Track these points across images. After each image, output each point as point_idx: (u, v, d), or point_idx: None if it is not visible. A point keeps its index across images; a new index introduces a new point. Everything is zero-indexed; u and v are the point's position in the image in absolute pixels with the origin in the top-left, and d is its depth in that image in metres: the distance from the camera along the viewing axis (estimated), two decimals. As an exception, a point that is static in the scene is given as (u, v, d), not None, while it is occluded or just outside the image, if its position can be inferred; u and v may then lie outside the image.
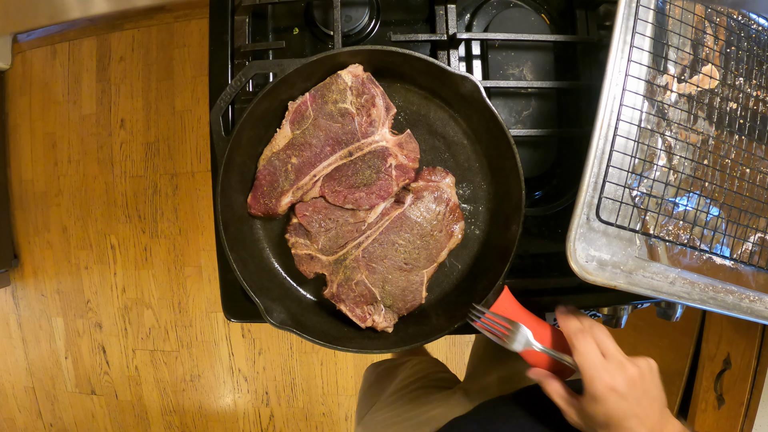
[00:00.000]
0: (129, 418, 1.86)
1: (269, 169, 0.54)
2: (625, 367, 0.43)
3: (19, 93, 1.84)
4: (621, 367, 0.43)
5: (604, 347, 0.44)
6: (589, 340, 0.44)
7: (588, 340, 0.44)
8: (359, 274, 0.53)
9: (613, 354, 0.44)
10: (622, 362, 0.43)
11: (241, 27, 0.60)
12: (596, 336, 0.45)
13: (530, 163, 0.59)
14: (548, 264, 0.61)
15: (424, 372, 0.82)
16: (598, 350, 0.44)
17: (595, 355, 0.43)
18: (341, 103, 0.53)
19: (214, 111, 0.52)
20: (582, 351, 0.44)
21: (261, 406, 1.82)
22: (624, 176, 0.48)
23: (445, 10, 0.59)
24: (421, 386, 0.77)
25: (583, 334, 0.44)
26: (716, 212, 0.51)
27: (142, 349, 1.81)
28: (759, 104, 0.53)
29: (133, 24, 1.73)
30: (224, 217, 0.51)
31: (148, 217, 1.77)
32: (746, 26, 0.53)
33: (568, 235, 0.46)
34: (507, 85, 0.58)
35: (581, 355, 0.43)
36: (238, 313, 0.59)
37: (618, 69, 0.47)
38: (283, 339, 1.77)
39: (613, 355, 0.44)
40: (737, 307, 0.49)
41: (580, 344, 0.44)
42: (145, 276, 1.78)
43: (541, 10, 0.62)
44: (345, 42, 0.60)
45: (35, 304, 1.86)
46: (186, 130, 1.73)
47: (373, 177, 0.54)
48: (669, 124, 0.51)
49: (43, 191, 1.83)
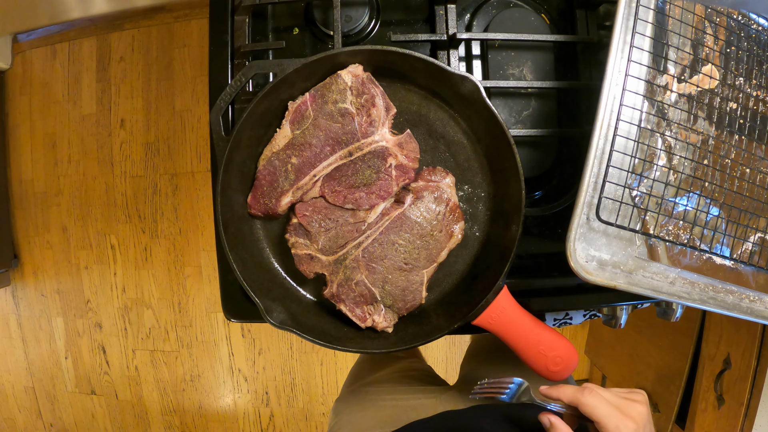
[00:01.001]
0: (129, 418, 1.86)
1: (269, 169, 0.54)
2: (634, 406, 0.44)
3: (19, 93, 1.84)
4: (631, 407, 0.44)
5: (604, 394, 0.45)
6: (594, 393, 0.44)
7: (593, 392, 0.44)
8: (359, 274, 0.53)
9: (615, 397, 0.45)
10: (628, 402, 0.44)
11: (241, 27, 0.60)
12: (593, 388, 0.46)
13: (530, 163, 0.59)
14: (548, 264, 0.61)
15: (420, 367, 0.83)
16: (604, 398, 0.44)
17: (607, 404, 0.44)
18: (341, 103, 0.53)
19: (214, 111, 0.52)
20: (594, 403, 0.44)
21: (261, 406, 1.82)
22: (624, 176, 0.48)
23: (445, 10, 0.59)
24: (417, 377, 0.78)
25: (583, 390, 0.45)
26: (716, 212, 0.51)
27: (142, 349, 1.81)
28: (759, 104, 0.53)
29: (133, 24, 1.73)
30: (224, 217, 0.51)
31: (148, 217, 1.77)
32: (746, 26, 0.53)
33: (568, 235, 0.46)
34: (507, 85, 0.58)
35: (596, 408, 0.43)
36: (238, 313, 0.59)
37: (618, 69, 0.47)
38: (283, 339, 1.77)
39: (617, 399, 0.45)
40: (737, 307, 0.49)
41: (588, 399, 0.44)
42: (145, 276, 1.78)
43: (541, 10, 0.62)
44: (345, 42, 0.60)
45: (35, 304, 1.86)
46: (186, 130, 1.73)
47: (373, 177, 0.54)
48: (669, 124, 0.51)
49: (43, 191, 1.83)
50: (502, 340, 0.52)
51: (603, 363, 1.51)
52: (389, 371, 0.79)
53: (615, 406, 0.43)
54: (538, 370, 0.52)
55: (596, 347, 1.58)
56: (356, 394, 0.74)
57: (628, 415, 0.43)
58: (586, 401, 0.43)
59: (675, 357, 1.10)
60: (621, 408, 0.43)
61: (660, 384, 1.16)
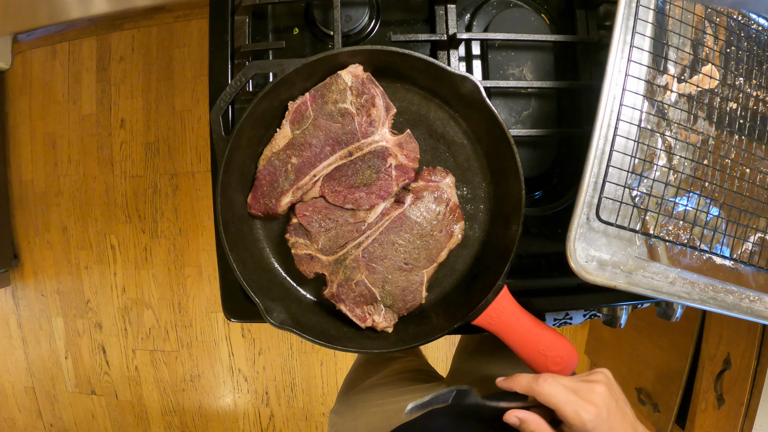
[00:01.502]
0: (129, 418, 1.86)
1: (269, 169, 0.54)
2: (592, 388, 0.43)
3: (19, 93, 1.84)
4: (590, 390, 0.42)
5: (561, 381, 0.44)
6: (550, 380, 0.43)
7: (548, 380, 0.43)
8: (359, 274, 0.53)
9: (573, 382, 0.43)
10: (587, 385, 0.43)
11: (241, 27, 0.60)
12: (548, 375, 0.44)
13: (530, 163, 0.59)
14: (548, 264, 0.61)
15: (415, 366, 0.83)
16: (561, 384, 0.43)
17: (564, 390, 0.42)
18: (341, 103, 0.53)
19: (214, 111, 0.52)
20: (550, 391, 0.42)
21: (261, 406, 1.82)
22: (624, 176, 0.48)
23: (445, 10, 0.59)
24: (408, 378, 0.77)
25: (538, 378, 0.43)
26: (716, 212, 0.51)
27: (142, 349, 1.81)
28: (759, 104, 0.53)
29: (133, 24, 1.73)
30: (224, 217, 0.51)
31: (148, 217, 1.77)
32: (746, 26, 0.53)
33: (568, 235, 0.46)
34: (507, 85, 0.58)
35: (552, 396, 0.42)
36: (238, 313, 0.59)
37: (618, 69, 0.47)
38: (283, 339, 1.77)
39: (574, 383, 0.43)
40: (737, 307, 0.49)
41: (543, 387, 0.43)
42: (145, 276, 1.78)
43: (541, 10, 0.62)
44: (345, 42, 0.60)
45: (35, 304, 1.86)
46: (186, 130, 1.73)
47: (373, 177, 0.54)
48: (669, 124, 0.51)
49: (43, 191, 1.83)
50: (502, 340, 0.52)
51: (603, 363, 1.51)
52: (381, 375, 0.78)
53: (573, 390, 0.42)
54: (538, 370, 0.51)
55: (596, 347, 1.58)
56: (349, 403, 0.74)
57: (588, 400, 0.41)
58: (542, 390, 0.42)
59: (675, 357, 1.10)
60: (579, 392, 0.42)
61: (660, 384, 1.16)
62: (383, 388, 0.74)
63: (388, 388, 0.73)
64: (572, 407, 0.41)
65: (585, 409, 0.41)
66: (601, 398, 0.42)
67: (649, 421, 1.19)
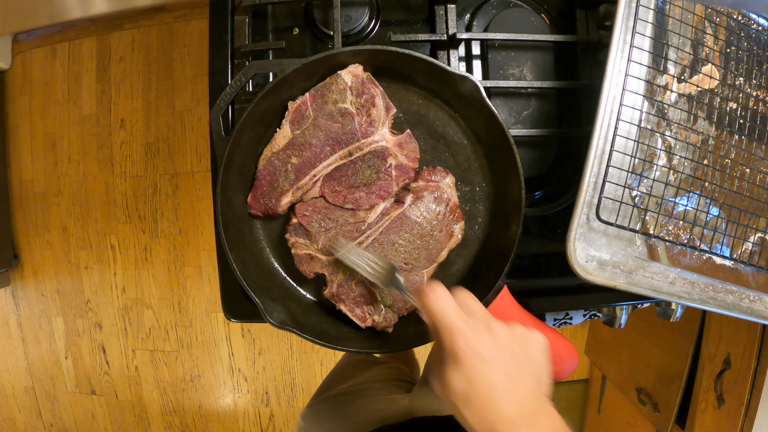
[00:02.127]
0: (129, 418, 1.86)
1: (269, 169, 0.54)
2: (492, 328, 0.37)
3: (19, 93, 1.84)
4: (488, 328, 0.36)
5: (467, 306, 0.38)
6: (444, 295, 0.37)
7: (442, 294, 0.37)
8: (359, 274, 0.53)
9: (480, 314, 0.38)
10: (490, 322, 0.37)
11: (241, 27, 0.60)
12: (458, 296, 0.38)
13: (530, 163, 0.59)
14: (548, 264, 0.61)
15: (393, 375, 0.80)
16: (458, 306, 0.37)
17: (454, 309, 0.36)
18: (341, 103, 0.53)
19: (214, 111, 0.52)
20: (436, 306, 0.36)
21: (261, 406, 1.82)
22: (624, 176, 0.48)
23: (445, 10, 0.59)
24: (380, 387, 0.74)
25: (435, 288, 0.37)
26: (716, 212, 0.51)
27: (142, 349, 1.81)
28: (759, 104, 0.53)
29: (133, 24, 1.73)
30: (224, 217, 0.51)
31: (148, 217, 1.77)
32: (746, 26, 0.53)
33: (568, 235, 0.46)
34: (507, 85, 0.58)
35: (439, 312, 0.36)
36: (238, 313, 0.59)
37: (618, 69, 0.47)
38: (283, 339, 1.77)
39: (480, 315, 0.38)
40: (737, 307, 0.49)
41: (431, 299, 0.36)
42: (145, 276, 1.78)
43: (541, 10, 0.62)
44: (345, 42, 0.60)
45: (35, 304, 1.86)
46: (186, 130, 1.73)
47: (373, 177, 0.54)
48: (669, 124, 0.51)
49: (43, 191, 1.83)
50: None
51: (603, 363, 1.51)
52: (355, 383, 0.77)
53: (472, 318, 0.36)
54: (538, 370, 0.51)
55: (596, 347, 1.58)
56: (315, 408, 0.72)
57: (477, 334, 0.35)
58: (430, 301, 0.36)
59: (675, 357, 1.10)
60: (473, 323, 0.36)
61: (660, 384, 1.16)
62: (351, 397, 0.72)
63: (356, 398, 0.71)
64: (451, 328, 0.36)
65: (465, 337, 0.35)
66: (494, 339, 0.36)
67: (649, 421, 1.19)
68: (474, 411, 0.35)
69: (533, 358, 0.38)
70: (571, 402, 1.69)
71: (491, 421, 0.34)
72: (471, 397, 0.35)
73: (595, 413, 1.56)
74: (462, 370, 0.35)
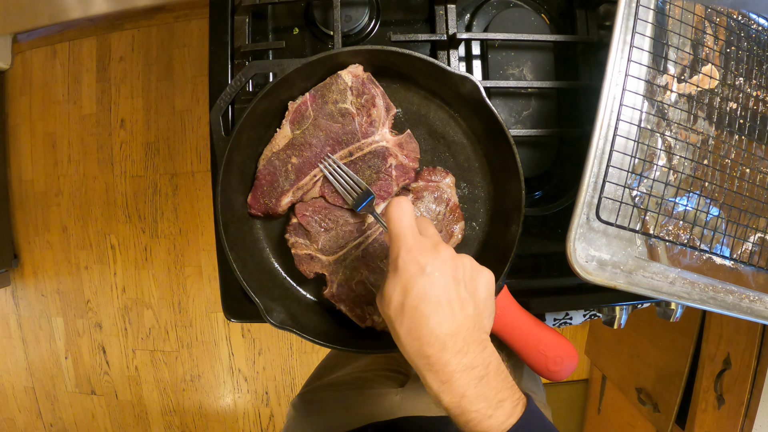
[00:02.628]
0: (129, 418, 1.86)
1: (269, 169, 0.54)
2: (439, 248, 0.36)
3: (19, 93, 1.84)
4: (435, 246, 0.36)
5: (423, 227, 0.38)
6: (406, 208, 0.37)
7: (404, 206, 0.37)
8: (359, 274, 0.53)
9: (432, 234, 0.38)
10: (439, 244, 0.37)
11: (241, 27, 0.60)
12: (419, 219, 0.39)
13: (530, 163, 0.59)
14: (548, 264, 0.61)
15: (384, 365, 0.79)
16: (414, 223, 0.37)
17: (409, 222, 0.36)
18: (341, 103, 0.53)
19: (214, 111, 0.52)
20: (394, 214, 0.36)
21: (261, 406, 1.82)
22: (624, 176, 0.48)
23: (445, 10, 0.59)
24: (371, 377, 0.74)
25: (400, 201, 0.37)
26: (716, 212, 0.51)
27: (142, 349, 1.81)
28: (759, 104, 0.53)
29: (133, 24, 1.73)
30: (224, 217, 0.51)
31: (148, 217, 1.77)
32: (746, 26, 0.53)
33: (568, 235, 0.46)
34: (507, 85, 0.58)
35: (393, 220, 0.36)
36: (238, 313, 0.59)
37: (618, 69, 0.47)
38: (283, 339, 1.77)
39: (431, 235, 0.38)
40: (737, 307, 0.49)
41: (394, 209, 0.36)
42: (145, 276, 1.78)
43: (541, 10, 0.62)
44: (345, 42, 0.60)
45: (35, 304, 1.86)
46: (186, 130, 1.73)
47: (373, 177, 0.54)
48: (669, 124, 0.51)
49: (43, 191, 1.83)
50: (501, 339, 0.52)
51: (603, 363, 1.51)
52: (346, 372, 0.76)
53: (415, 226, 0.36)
54: (538, 369, 0.52)
55: (596, 347, 1.58)
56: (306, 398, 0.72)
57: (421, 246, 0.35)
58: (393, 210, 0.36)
59: (675, 357, 1.10)
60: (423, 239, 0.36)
61: (660, 384, 1.16)
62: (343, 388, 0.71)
63: (347, 389, 0.71)
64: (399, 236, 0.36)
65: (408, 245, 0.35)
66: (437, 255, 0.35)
67: (649, 421, 1.19)
68: (405, 323, 0.34)
69: (477, 291, 0.37)
70: (571, 402, 1.69)
71: (420, 337, 0.34)
72: (404, 308, 0.34)
73: (595, 413, 1.56)
74: (399, 279, 0.35)
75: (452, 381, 0.33)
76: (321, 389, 0.73)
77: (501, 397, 0.34)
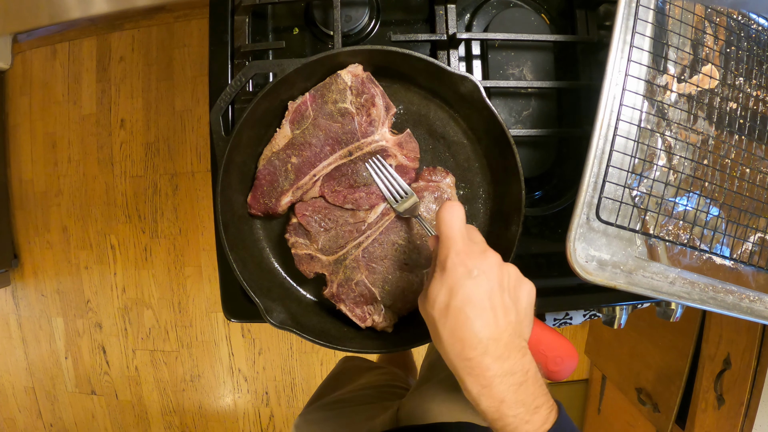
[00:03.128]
0: (129, 418, 1.86)
1: (269, 169, 0.54)
2: (487, 254, 0.37)
3: (19, 93, 1.84)
4: (484, 252, 0.37)
5: (471, 233, 0.39)
6: (459, 211, 0.37)
7: (457, 210, 0.37)
8: (359, 274, 0.53)
9: (479, 241, 0.38)
10: (487, 249, 0.38)
11: (241, 27, 0.60)
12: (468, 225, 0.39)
13: (530, 163, 0.59)
14: (548, 264, 0.61)
15: (384, 382, 0.80)
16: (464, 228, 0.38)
17: (460, 226, 0.37)
18: (341, 103, 0.53)
19: (214, 111, 0.52)
20: (447, 216, 0.36)
21: (261, 406, 1.82)
22: (624, 176, 0.48)
23: (445, 10, 0.59)
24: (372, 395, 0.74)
25: (453, 204, 0.38)
26: (716, 212, 0.51)
27: (142, 349, 1.81)
28: (759, 104, 0.53)
29: (133, 24, 1.73)
30: (224, 217, 0.51)
31: (148, 217, 1.77)
32: (746, 26, 0.53)
33: (568, 235, 0.46)
34: (507, 85, 0.58)
35: (445, 223, 0.36)
36: (238, 313, 0.59)
37: (618, 69, 0.47)
38: (283, 339, 1.77)
39: (479, 242, 0.38)
40: (737, 307, 0.49)
41: (447, 211, 0.37)
42: (145, 276, 1.78)
43: (541, 10, 0.62)
44: (345, 42, 0.60)
45: (35, 304, 1.86)
46: (186, 130, 1.73)
47: (373, 177, 0.53)
48: (669, 124, 0.51)
49: (43, 191, 1.83)
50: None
51: (603, 363, 1.51)
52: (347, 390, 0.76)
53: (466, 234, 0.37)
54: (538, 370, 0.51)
55: (596, 347, 1.58)
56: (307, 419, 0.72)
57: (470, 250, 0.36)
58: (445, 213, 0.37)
59: (675, 357, 1.10)
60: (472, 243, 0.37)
61: (660, 384, 1.16)
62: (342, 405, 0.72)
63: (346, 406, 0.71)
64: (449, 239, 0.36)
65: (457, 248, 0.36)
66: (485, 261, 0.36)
67: (649, 421, 1.19)
68: (448, 325, 0.35)
69: (520, 300, 0.37)
70: (571, 402, 1.69)
71: (463, 339, 0.34)
72: (449, 309, 0.34)
73: (595, 413, 1.56)
74: (446, 280, 0.35)
75: (492, 386, 0.34)
76: (322, 408, 0.73)
77: (538, 403, 0.35)
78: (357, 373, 0.82)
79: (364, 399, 0.72)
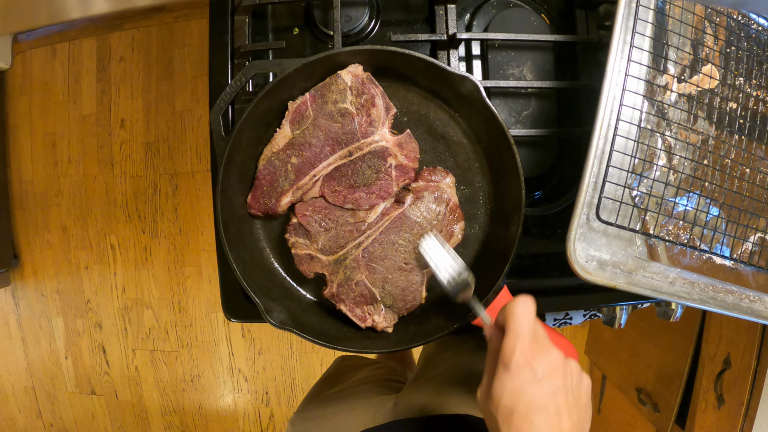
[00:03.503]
0: (129, 418, 1.86)
1: (269, 169, 0.54)
2: (551, 351, 0.36)
3: (19, 93, 1.84)
4: (548, 349, 0.36)
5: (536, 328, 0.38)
6: (531, 306, 0.37)
7: (530, 304, 0.37)
8: (359, 274, 0.53)
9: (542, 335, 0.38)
10: (550, 347, 0.37)
11: (241, 27, 0.60)
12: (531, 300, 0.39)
13: (530, 163, 0.59)
14: (548, 264, 0.61)
15: (380, 376, 0.80)
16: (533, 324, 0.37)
17: (530, 322, 0.36)
18: (341, 103, 0.53)
19: (214, 111, 0.52)
20: (520, 313, 0.36)
21: (261, 406, 1.82)
22: (624, 176, 0.48)
23: (445, 10, 0.59)
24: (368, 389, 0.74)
25: (528, 301, 0.37)
26: (716, 212, 0.51)
27: (142, 349, 1.81)
28: (759, 104, 0.53)
29: (133, 24, 1.73)
30: (224, 217, 0.51)
31: (148, 217, 1.77)
32: (746, 26, 0.53)
33: (568, 235, 0.46)
34: (507, 85, 0.58)
35: (517, 319, 0.36)
36: (238, 313, 0.59)
37: (618, 69, 0.47)
38: (283, 339, 1.77)
39: (542, 336, 0.37)
40: (737, 307, 0.49)
41: (520, 306, 0.36)
42: (145, 276, 1.78)
43: (541, 10, 0.62)
44: (345, 42, 0.60)
45: (35, 304, 1.86)
46: (186, 130, 1.73)
47: (373, 177, 0.53)
48: (669, 124, 0.51)
49: (43, 191, 1.83)
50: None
51: (603, 363, 1.51)
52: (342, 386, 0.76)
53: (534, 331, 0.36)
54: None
55: (596, 347, 1.58)
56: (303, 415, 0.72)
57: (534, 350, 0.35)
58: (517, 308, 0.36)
59: (675, 357, 1.10)
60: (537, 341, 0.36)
61: (660, 384, 1.16)
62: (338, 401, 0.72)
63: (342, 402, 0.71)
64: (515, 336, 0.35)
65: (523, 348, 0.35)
66: (549, 360, 0.36)
67: (649, 421, 1.19)
68: (512, 429, 0.34)
69: (581, 398, 0.37)
70: (571, 402, 1.68)
71: None
72: (513, 414, 0.34)
73: (595, 413, 1.56)
74: (510, 381, 0.35)
75: None
76: (318, 405, 0.73)
77: None
78: (353, 370, 0.82)
79: (361, 393, 0.72)
